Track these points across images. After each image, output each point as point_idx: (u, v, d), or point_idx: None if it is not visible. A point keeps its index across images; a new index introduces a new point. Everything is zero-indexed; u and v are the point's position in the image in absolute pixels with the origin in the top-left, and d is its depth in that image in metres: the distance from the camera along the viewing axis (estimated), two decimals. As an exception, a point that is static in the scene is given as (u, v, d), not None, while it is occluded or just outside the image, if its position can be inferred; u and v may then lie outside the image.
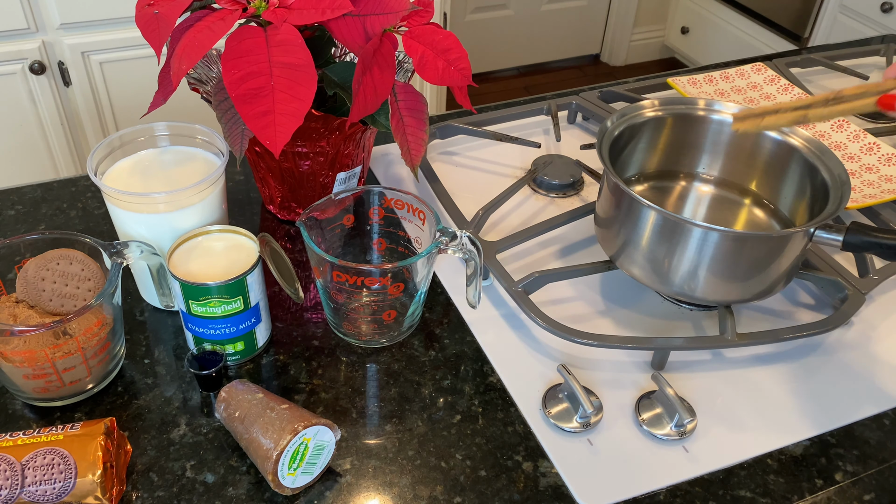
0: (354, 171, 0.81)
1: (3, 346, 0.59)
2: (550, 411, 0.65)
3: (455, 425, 0.64)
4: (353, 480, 0.60)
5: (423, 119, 0.72)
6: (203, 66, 0.78)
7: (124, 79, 1.63)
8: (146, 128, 0.72)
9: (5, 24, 1.48)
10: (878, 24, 2.09)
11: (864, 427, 0.66)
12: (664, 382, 0.64)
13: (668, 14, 2.98)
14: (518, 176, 0.93)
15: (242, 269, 0.63)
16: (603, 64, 3.08)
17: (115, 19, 1.56)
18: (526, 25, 2.85)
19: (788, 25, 2.38)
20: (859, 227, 0.65)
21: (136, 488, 0.59)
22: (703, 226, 0.65)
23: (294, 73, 0.61)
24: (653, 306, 0.76)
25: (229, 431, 0.61)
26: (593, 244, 0.83)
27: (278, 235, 0.83)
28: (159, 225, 0.67)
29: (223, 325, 0.65)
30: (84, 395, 0.64)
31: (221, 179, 0.70)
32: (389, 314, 0.68)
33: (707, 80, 1.07)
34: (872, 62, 1.22)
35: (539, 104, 1.03)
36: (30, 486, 0.53)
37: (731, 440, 0.64)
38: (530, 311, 0.70)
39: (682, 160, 0.83)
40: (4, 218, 0.83)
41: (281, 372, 0.68)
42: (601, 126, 0.74)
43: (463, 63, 0.70)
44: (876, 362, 0.71)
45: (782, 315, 0.76)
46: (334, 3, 0.64)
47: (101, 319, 0.62)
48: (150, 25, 0.64)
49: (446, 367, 0.69)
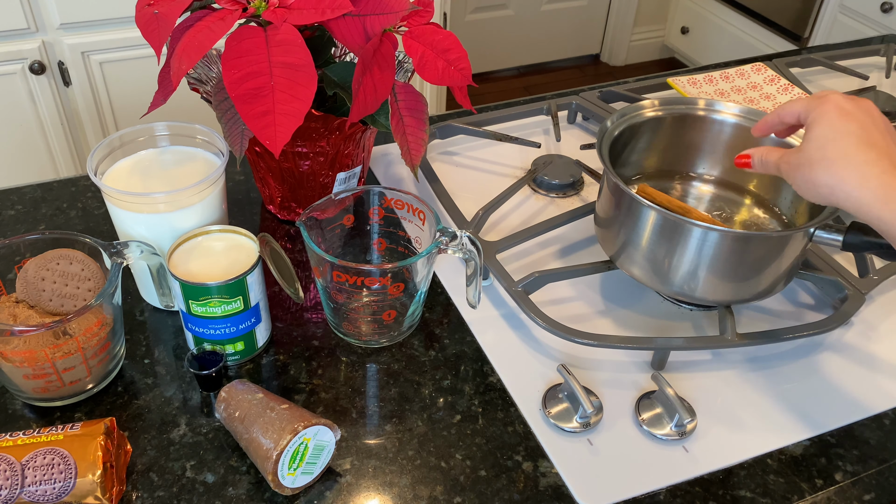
0: (354, 171, 0.81)
1: (3, 346, 0.59)
2: (550, 411, 0.65)
3: (455, 425, 0.64)
4: (353, 480, 0.60)
5: (423, 119, 0.72)
6: (203, 66, 0.78)
7: (124, 79, 1.63)
8: (146, 128, 0.72)
9: (5, 24, 1.48)
10: (878, 24, 2.09)
11: (864, 427, 0.66)
12: (664, 382, 0.64)
13: (668, 14, 2.98)
14: (518, 176, 0.93)
15: (242, 269, 0.63)
16: (603, 64, 3.08)
17: (115, 19, 1.56)
18: (526, 25, 2.85)
19: (788, 25, 2.38)
20: (859, 227, 0.65)
21: (136, 488, 0.59)
22: (703, 226, 0.65)
23: (294, 73, 0.61)
24: (653, 306, 0.76)
25: (229, 431, 0.61)
26: (593, 244, 0.83)
27: (278, 235, 0.83)
28: (159, 225, 0.67)
29: (223, 325, 0.65)
30: (84, 395, 0.64)
31: (221, 179, 0.70)
32: (389, 314, 0.68)
33: (707, 80, 1.07)
34: (872, 62, 1.22)
35: (539, 104, 1.03)
36: (30, 486, 0.53)
37: (731, 440, 0.64)
38: (530, 311, 0.70)
39: (681, 160, 0.83)
40: (4, 218, 0.83)
41: (281, 372, 0.68)
42: (601, 126, 0.74)
43: (463, 63, 0.70)
44: (876, 362, 0.71)
45: (782, 315, 0.76)
46: (334, 3, 0.64)
47: (101, 319, 0.62)
48: (150, 25, 0.64)
49: (446, 367, 0.69)
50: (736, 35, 2.61)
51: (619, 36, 2.99)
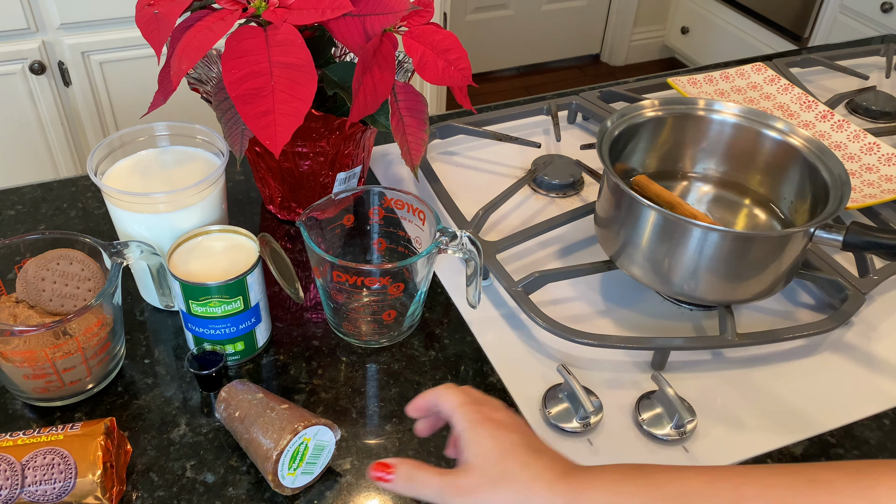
0: (354, 171, 0.81)
1: (3, 346, 0.59)
2: (550, 411, 0.65)
3: (455, 425, 0.64)
4: (353, 480, 0.60)
5: (423, 119, 0.72)
6: (203, 66, 0.78)
7: (124, 79, 1.63)
8: (146, 128, 0.72)
9: (5, 24, 1.48)
10: (878, 24, 2.09)
11: (864, 427, 0.66)
12: (664, 382, 0.64)
13: (668, 14, 2.98)
14: (518, 176, 0.93)
15: (242, 269, 0.63)
16: (603, 64, 3.08)
17: (115, 19, 1.56)
18: (526, 25, 2.85)
19: (788, 25, 2.38)
20: (859, 227, 0.65)
21: (136, 488, 0.59)
22: (703, 226, 0.65)
23: (294, 73, 0.61)
24: (653, 306, 0.76)
25: (229, 431, 0.61)
26: (593, 244, 0.83)
27: (278, 235, 0.83)
28: (159, 225, 0.67)
29: (223, 325, 0.65)
30: (84, 395, 0.64)
31: (221, 179, 0.70)
32: (389, 314, 0.68)
33: (707, 80, 1.07)
34: (872, 62, 1.22)
35: (539, 104, 1.03)
36: (30, 486, 0.53)
37: (731, 440, 0.64)
38: (530, 311, 0.70)
39: (682, 160, 0.83)
40: (4, 218, 0.83)
41: (281, 372, 0.68)
42: (601, 126, 0.74)
43: (463, 63, 0.70)
44: (876, 362, 0.71)
45: (782, 315, 0.76)
46: (334, 3, 0.64)
47: (101, 319, 0.62)
48: (150, 25, 0.64)
49: (446, 367, 0.69)
50: (736, 35, 2.61)
51: (619, 36, 2.99)
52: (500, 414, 0.50)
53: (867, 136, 0.94)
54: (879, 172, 0.90)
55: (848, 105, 1.10)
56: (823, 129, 0.97)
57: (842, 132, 0.96)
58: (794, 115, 1.00)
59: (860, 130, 0.95)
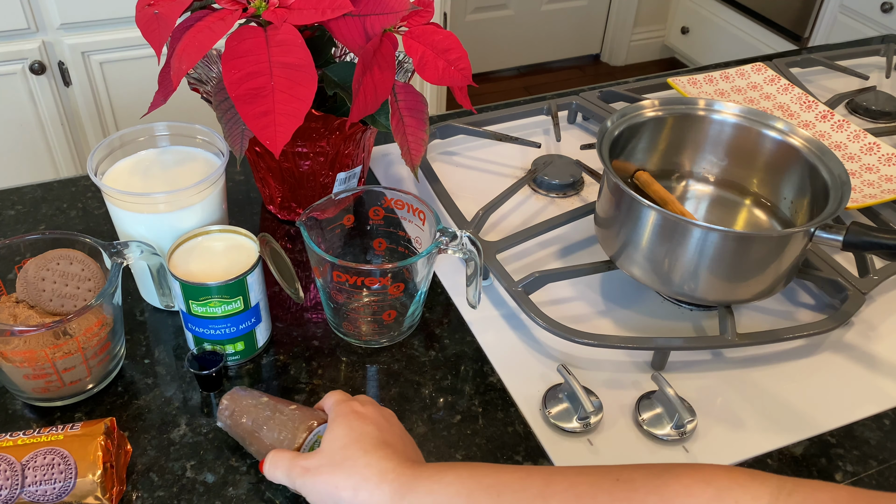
0: (354, 171, 0.81)
1: (3, 346, 0.59)
2: (550, 411, 0.65)
3: (455, 425, 0.64)
4: (353, 480, 0.60)
5: (423, 119, 0.72)
6: (203, 66, 0.78)
7: (124, 79, 1.63)
8: (146, 128, 0.72)
9: (5, 24, 1.48)
10: (878, 24, 2.09)
11: (864, 427, 0.66)
12: (664, 382, 0.64)
13: (668, 14, 2.98)
14: (518, 176, 0.93)
15: (242, 269, 0.63)
16: (603, 64, 3.08)
17: (115, 19, 1.56)
18: (526, 25, 2.85)
19: (788, 25, 2.38)
20: (859, 227, 0.65)
21: (136, 488, 0.59)
22: (703, 226, 0.65)
23: (294, 73, 0.61)
24: (653, 306, 0.76)
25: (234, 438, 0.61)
26: (593, 244, 0.83)
27: (278, 235, 0.83)
28: (159, 225, 0.67)
29: (223, 325, 0.65)
30: (84, 395, 0.64)
31: (221, 179, 0.70)
32: (389, 314, 0.68)
33: (707, 80, 1.07)
34: (872, 62, 1.22)
35: (539, 104, 1.03)
36: (30, 486, 0.53)
37: (731, 440, 0.64)
38: (530, 311, 0.70)
39: (682, 160, 0.83)
40: (4, 218, 0.83)
41: (281, 372, 0.68)
42: (601, 126, 0.74)
43: (463, 63, 0.70)
44: (876, 362, 0.71)
45: (782, 315, 0.76)
46: (334, 3, 0.64)
47: (101, 319, 0.62)
48: (150, 25, 0.64)
49: (446, 367, 0.69)
50: (736, 35, 2.61)
51: (620, 36, 2.99)
52: (366, 408, 0.54)
53: (867, 136, 0.94)
54: (879, 172, 0.90)
55: (848, 105, 1.10)
56: (823, 129, 0.97)
57: (842, 132, 0.96)
58: (794, 115, 1.00)
59: (860, 130, 0.95)
